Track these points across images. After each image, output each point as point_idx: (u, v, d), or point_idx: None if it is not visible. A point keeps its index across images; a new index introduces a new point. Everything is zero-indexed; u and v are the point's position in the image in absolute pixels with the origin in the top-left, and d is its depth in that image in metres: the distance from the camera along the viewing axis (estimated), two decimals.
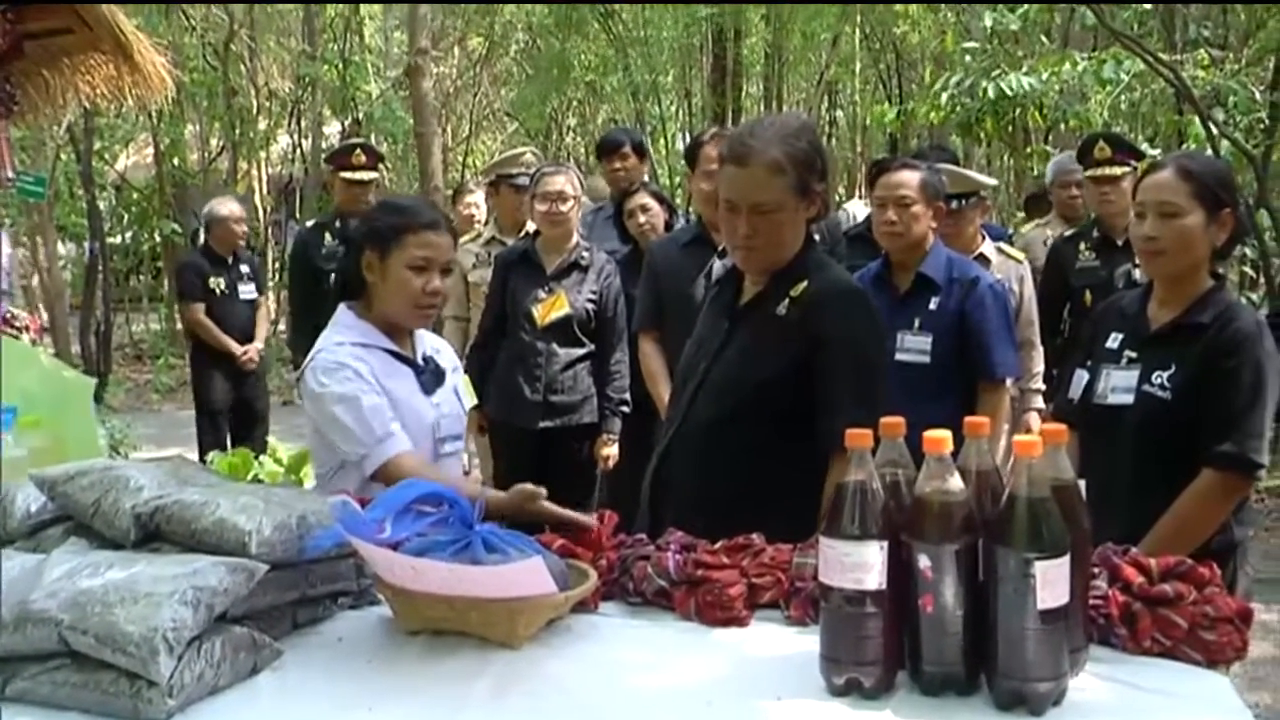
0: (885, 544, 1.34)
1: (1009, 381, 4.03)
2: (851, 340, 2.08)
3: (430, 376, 2.32)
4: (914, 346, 3.17)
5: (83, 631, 1.31)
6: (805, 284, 2.11)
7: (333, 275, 2.61)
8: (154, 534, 1.53)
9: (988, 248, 4.10)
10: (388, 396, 2.18)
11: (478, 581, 1.49)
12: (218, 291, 6.07)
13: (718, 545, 1.72)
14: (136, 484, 1.57)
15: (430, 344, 2.42)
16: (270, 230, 14.30)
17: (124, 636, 1.29)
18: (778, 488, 2.00)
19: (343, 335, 2.25)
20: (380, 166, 6.01)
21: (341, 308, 2.32)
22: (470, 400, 2.50)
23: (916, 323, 3.19)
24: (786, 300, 2.12)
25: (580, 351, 4.07)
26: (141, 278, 16.07)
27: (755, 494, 2.01)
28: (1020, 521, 1.30)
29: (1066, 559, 1.30)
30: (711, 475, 2.10)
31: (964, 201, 3.98)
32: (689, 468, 2.17)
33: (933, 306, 3.19)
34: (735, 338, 2.19)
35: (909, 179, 3.23)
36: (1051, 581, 1.28)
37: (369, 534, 1.52)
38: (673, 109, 17.03)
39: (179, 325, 13.95)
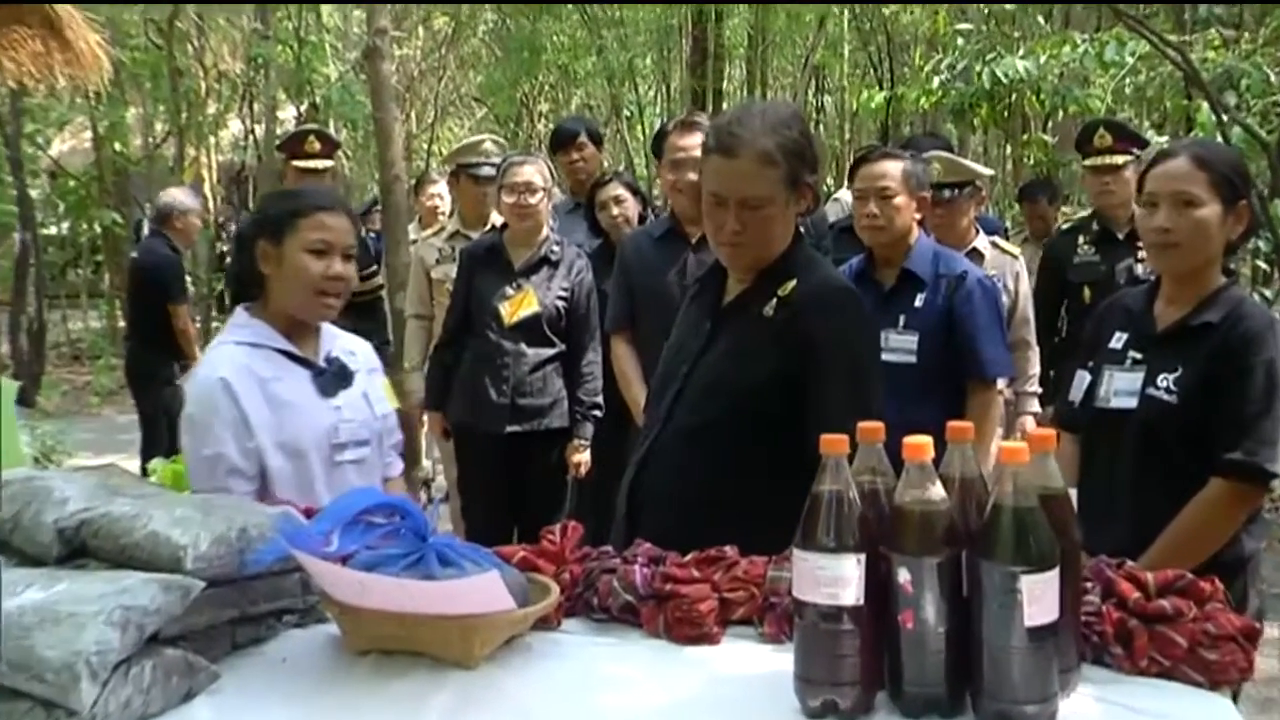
0: (863, 557, 1.34)
1: (1002, 383, 4.07)
2: (844, 344, 2.07)
3: (331, 378, 2.35)
4: (899, 346, 3.18)
5: None
6: (794, 283, 2.10)
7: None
8: (80, 550, 1.52)
9: (981, 242, 4.13)
10: (272, 402, 2.24)
11: (430, 597, 1.48)
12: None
13: (688, 558, 1.71)
14: (61, 495, 1.55)
15: (344, 345, 2.44)
16: (221, 222, 14.22)
17: (41, 662, 1.27)
18: (763, 499, 1.99)
19: (233, 335, 2.30)
20: (337, 154, 5.98)
21: (238, 309, 2.36)
22: (391, 404, 2.53)
23: (901, 320, 3.20)
24: (774, 300, 2.11)
25: (550, 352, 4.07)
26: (80, 271, 15.95)
27: (739, 505, 2.00)
28: (1006, 533, 1.30)
29: (1056, 573, 1.30)
30: (692, 485, 2.10)
31: (957, 192, 4.00)
32: (669, 477, 2.16)
33: (918, 303, 3.21)
34: (718, 340, 2.18)
35: (890, 169, 3.24)
36: (1039, 597, 1.28)
37: (314, 547, 1.51)
38: (650, 93, 17.05)
39: (120, 323, 13.93)
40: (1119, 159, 4.47)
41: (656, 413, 2.24)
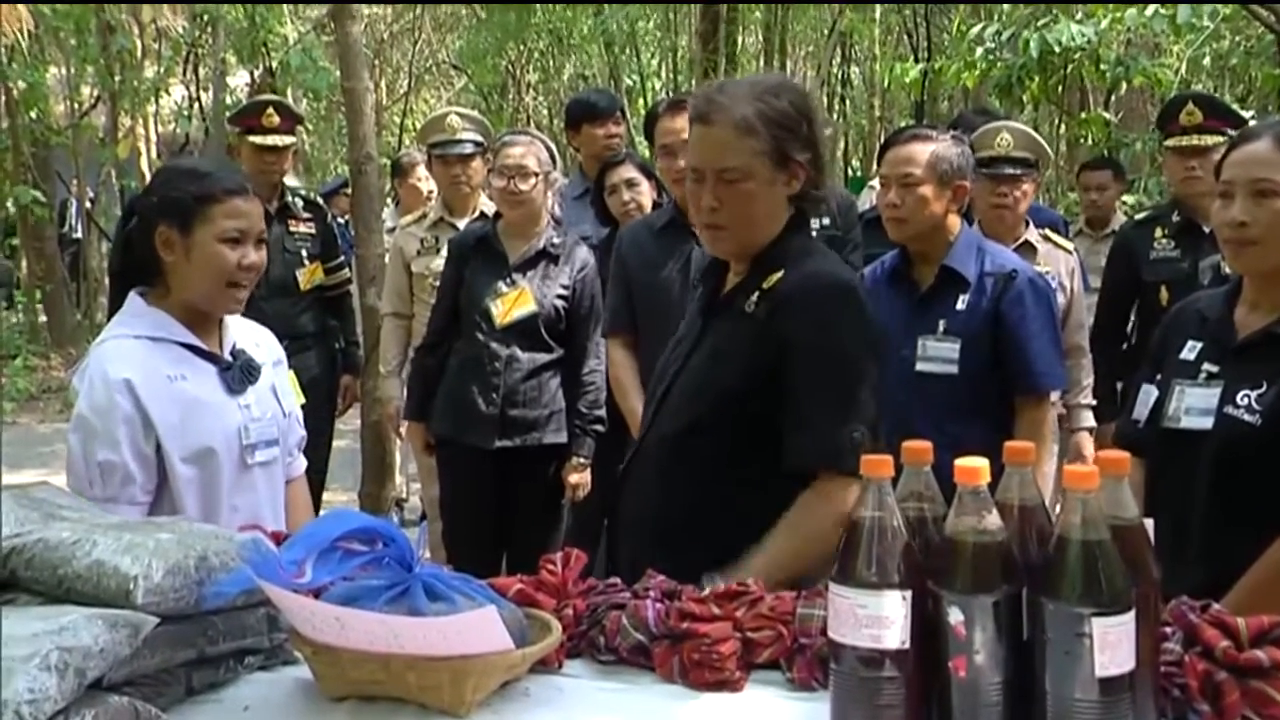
0: (909, 594, 1.35)
1: (1054, 396, 4.08)
2: (824, 341, 2.08)
3: (237, 373, 2.42)
4: (938, 354, 3.19)
5: None
6: (780, 275, 2.13)
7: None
8: (9, 582, 1.51)
9: (1032, 234, 4.14)
10: (178, 401, 2.29)
11: (416, 636, 1.49)
12: None
13: (707, 592, 1.72)
14: None
15: (247, 336, 2.52)
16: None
17: None
18: (753, 517, 2.03)
19: (129, 327, 2.34)
20: (299, 129, 5.99)
21: (131, 295, 2.41)
22: (296, 400, 2.62)
23: (941, 325, 3.21)
24: (757, 294, 2.15)
25: (547, 357, 4.08)
26: None
27: (724, 523, 2.04)
28: (1073, 568, 1.30)
29: (1131, 616, 1.30)
30: (673, 500, 2.14)
31: (1024, 170, 4.00)
32: (646, 490, 2.21)
33: (960, 306, 3.21)
34: (705, 338, 2.23)
35: (916, 153, 3.23)
36: (1112, 643, 1.29)
37: (285, 578, 1.51)
38: (654, 63, 17.06)
39: (41, 317, 13.91)
40: (1209, 139, 4.34)
41: (644, 420, 2.29)
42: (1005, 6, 8.34)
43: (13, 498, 1.70)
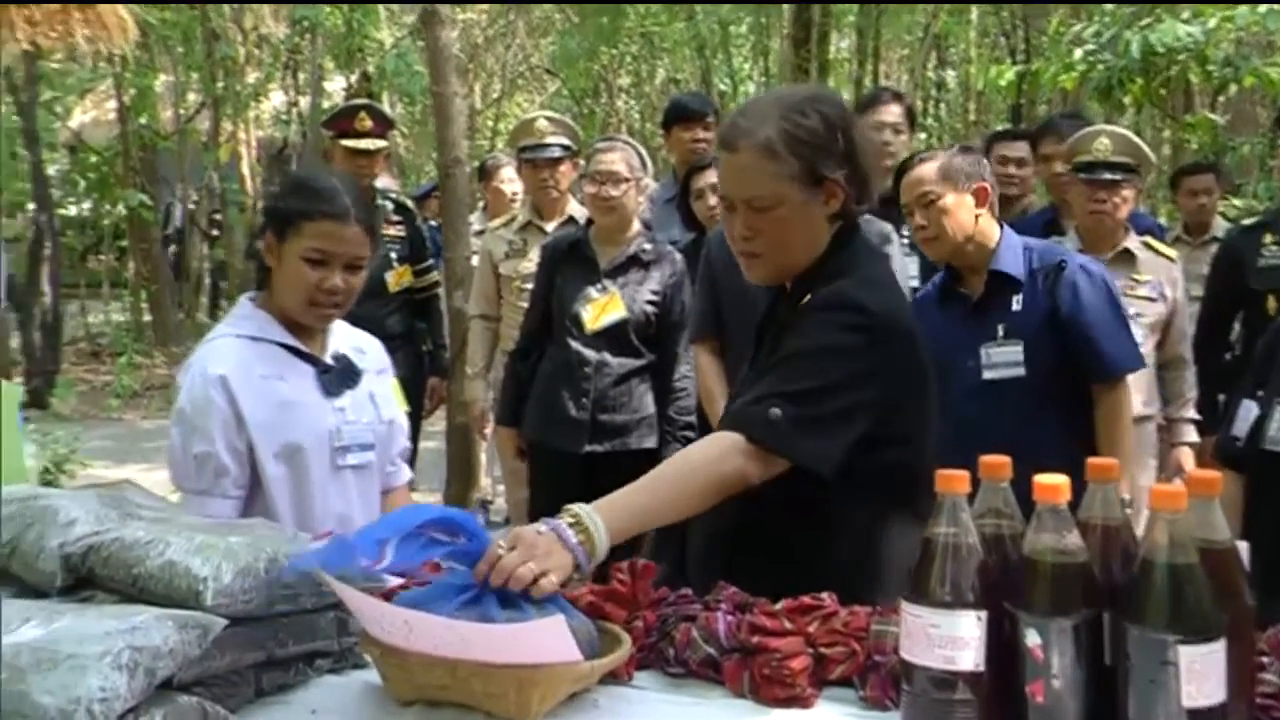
0: (984, 614, 1.32)
1: (1155, 409, 3.97)
2: (802, 339, 2.00)
3: (335, 377, 2.46)
4: (1003, 359, 3.17)
5: None
6: (811, 296, 2.06)
7: None
8: (87, 579, 1.54)
9: (1132, 242, 4.05)
10: (271, 400, 2.34)
11: (483, 643, 1.48)
12: None
13: (779, 605, 1.70)
14: (67, 517, 1.57)
15: (353, 341, 2.56)
16: (260, 205, 14.52)
17: (37, 710, 1.27)
18: (779, 530, 2.00)
19: (234, 326, 2.42)
20: (391, 133, 6.07)
21: (242, 298, 2.50)
22: (400, 408, 2.64)
23: (1001, 330, 3.19)
24: (787, 315, 2.12)
25: (637, 363, 4.08)
26: (101, 258, 16.32)
27: (756, 534, 2.01)
28: (1158, 592, 1.26)
29: (1221, 645, 1.26)
30: (726, 513, 2.09)
31: (1124, 175, 3.92)
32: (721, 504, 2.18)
33: (1016, 306, 3.19)
34: (756, 357, 2.21)
35: (925, 171, 3.24)
36: (1201, 672, 1.24)
37: (365, 556, 1.53)
38: (746, 68, 17.00)
39: (146, 316, 14.29)
40: None
41: None
42: (1108, 6, 8.14)
43: (95, 496, 1.73)
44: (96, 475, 6.90)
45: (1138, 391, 3.91)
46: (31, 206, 11.53)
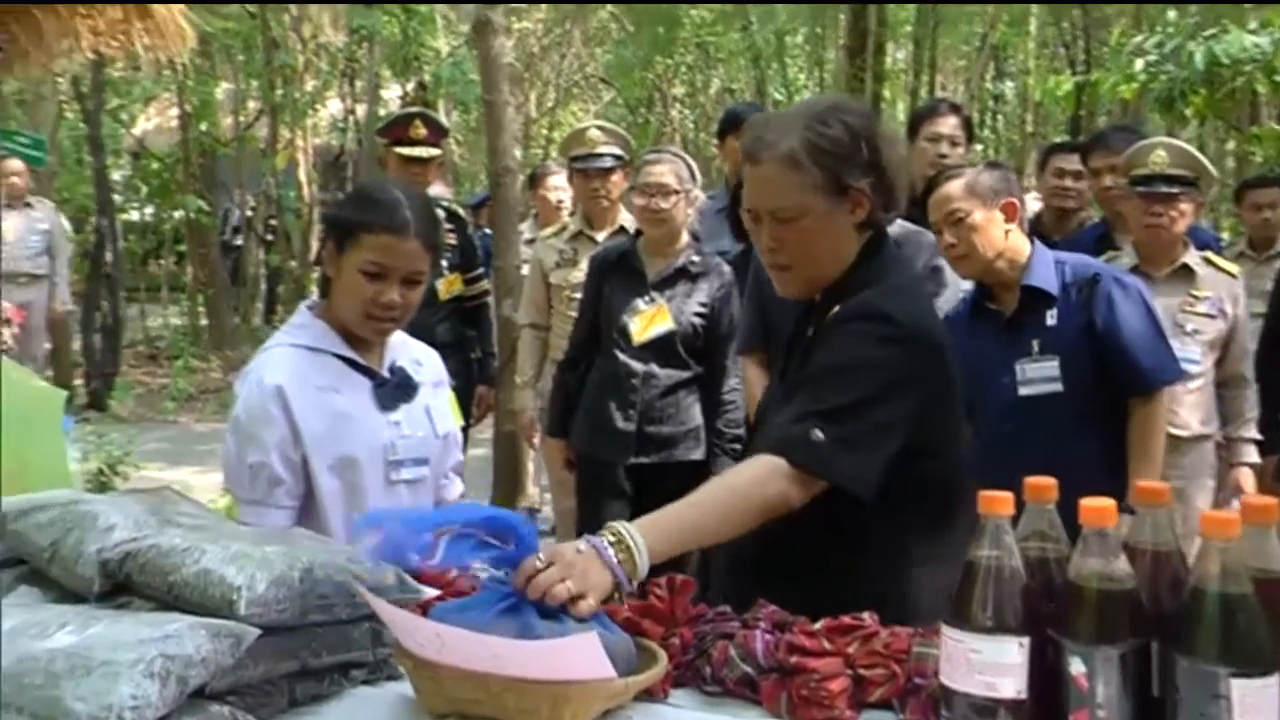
0: (1027, 641, 1.29)
1: (1213, 428, 3.89)
2: (833, 353, 1.98)
3: (391, 391, 2.44)
4: (1039, 375, 3.15)
5: (17, 710, 1.30)
6: (839, 308, 2.04)
7: None
8: (124, 585, 1.54)
9: (1191, 257, 3.98)
10: (327, 413, 2.33)
11: (515, 658, 1.47)
12: None
13: (819, 625, 1.67)
14: (106, 522, 1.58)
15: (411, 353, 2.54)
16: (315, 212, 14.68)
17: (69, 716, 1.27)
18: (810, 546, 1.96)
19: (292, 336, 2.41)
20: (446, 142, 6.10)
21: (301, 306, 2.49)
22: (455, 422, 2.62)
23: (1036, 345, 3.16)
24: (815, 328, 2.10)
25: (684, 375, 4.08)
26: (161, 263, 16.60)
27: (786, 551, 1.98)
28: (1209, 623, 1.22)
29: (1276, 679, 1.22)
30: (773, 531, 2.08)
31: (1182, 189, 3.86)
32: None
33: (1051, 321, 3.16)
34: (787, 368, 2.19)
35: (951, 189, 3.21)
36: (1254, 708, 1.20)
37: (416, 550, 1.53)
38: (801, 78, 16.97)
39: (203, 321, 14.48)
40: None
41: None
42: (1170, 15, 8.03)
43: (135, 501, 1.74)
44: (151, 477, 6.98)
45: (1197, 409, 3.85)
46: (95, 212, 11.73)
